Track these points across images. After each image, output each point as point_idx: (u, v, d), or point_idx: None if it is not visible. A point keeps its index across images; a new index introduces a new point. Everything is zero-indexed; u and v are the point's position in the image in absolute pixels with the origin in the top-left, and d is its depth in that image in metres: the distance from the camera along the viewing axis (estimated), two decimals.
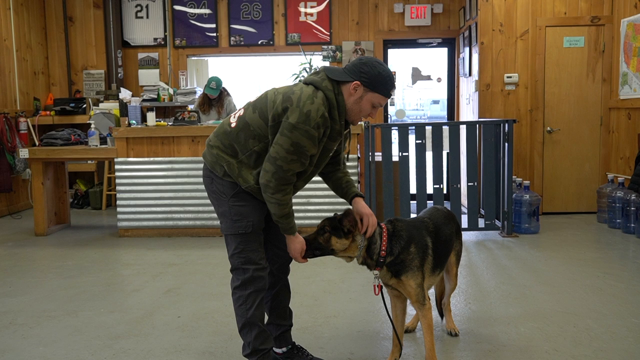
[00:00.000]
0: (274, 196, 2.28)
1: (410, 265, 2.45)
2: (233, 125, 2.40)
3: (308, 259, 2.44)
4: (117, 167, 5.55)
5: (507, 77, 6.35)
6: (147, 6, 7.95)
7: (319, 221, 2.53)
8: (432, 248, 2.55)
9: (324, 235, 2.40)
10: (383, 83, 2.29)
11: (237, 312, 2.44)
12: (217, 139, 2.43)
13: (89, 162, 7.67)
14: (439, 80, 8.12)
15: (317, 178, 2.64)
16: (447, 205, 5.75)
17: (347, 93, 2.31)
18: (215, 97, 6.71)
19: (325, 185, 2.82)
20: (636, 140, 5.74)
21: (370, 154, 5.39)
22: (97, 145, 5.69)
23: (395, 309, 2.69)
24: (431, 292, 3.14)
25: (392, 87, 2.33)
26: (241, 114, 2.42)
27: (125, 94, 6.77)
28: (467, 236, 5.40)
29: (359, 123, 5.60)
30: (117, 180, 5.57)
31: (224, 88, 6.77)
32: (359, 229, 2.42)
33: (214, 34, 7.90)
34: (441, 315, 3.10)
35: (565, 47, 6.28)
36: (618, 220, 5.56)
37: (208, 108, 6.75)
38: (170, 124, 5.79)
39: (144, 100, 7.38)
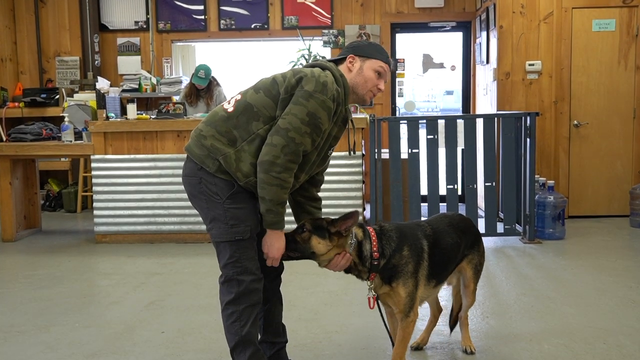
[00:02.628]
0: (280, 175, 2.25)
1: (404, 270, 2.46)
2: (230, 110, 2.39)
3: (281, 262, 2.45)
4: (93, 165, 5.55)
5: (529, 64, 6.35)
6: None
7: None
8: (429, 253, 2.55)
9: (302, 234, 2.38)
10: (376, 50, 2.50)
11: (228, 330, 2.43)
12: (210, 128, 2.39)
13: (63, 159, 7.66)
14: (452, 68, 8.12)
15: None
16: (462, 208, 5.76)
17: (346, 71, 2.47)
18: (204, 88, 6.71)
19: (326, 187, 2.82)
20: None
21: (376, 150, 5.39)
22: (71, 141, 5.69)
23: (392, 325, 2.71)
24: (444, 306, 3.14)
25: (387, 54, 2.53)
26: (238, 98, 2.42)
27: (102, 83, 6.77)
28: (484, 242, 5.37)
29: (363, 116, 5.60)
30: (94, 180, 5.57)
31: (213, 77, 6.77)
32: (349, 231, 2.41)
33: (202, 17, 7.89)
34: (451, 328, 3.10)
35: (595, 30, 6.28)
36: None
37: (195, 99, 6.75)
38: (153, 117, 5.79)
39: (123, 90, 7.38)
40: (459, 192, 5.73)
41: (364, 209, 5.55)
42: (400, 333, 2.52)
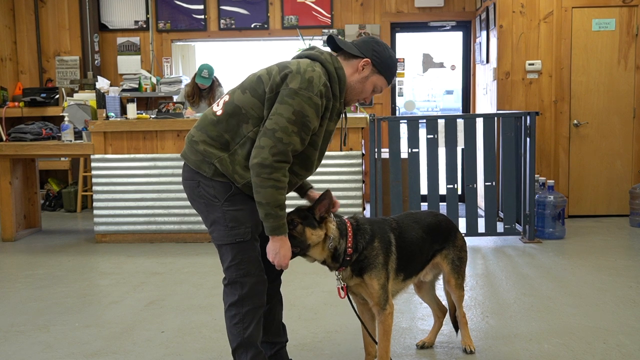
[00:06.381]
0: (272, 176, 2.19)
1: (374, 263, 2.48)
2: (219, 113, 2.36)
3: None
4: (93, 164, 5.54)
5: (529, 64, 6.35)
6: None
7: None
8: (396, 245, 2.58)
9: (297, 227, 2.37)
10: (391, 67, 2.42)
11: (231, 331, 2.42)
12: (201, 133, 2.37)
13: (63, 159, 7.66)
14: (452, 68, 8.11)
15: (318, 177, 2.63)
16: (462, 207, 5.75)
17: (352, 69, 2.38)
18: (206, 88, 6.69)
19: (326, 186, 2.82)
20: None
21: (376, 150, 5.39)
22: (71, 141, 5.68)
23: (363, 316, 2.72)
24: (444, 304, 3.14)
25: (395, 73, 2.47)
26: (227, 99, 2.39)
27: (102, 83, 6.76)
28: (484, 242, 5.40)
29: (363, 116, 5.59)
30: (94, 180, 5.57)
31: (215, 77, 6.75)
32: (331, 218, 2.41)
33: (202, 16, 7.89)
34: (456, 328, 3.10)
35: (594, 30, 6.27)
36: None
37: (198, 100, 6.72)
38: (153, 116, 5.79)
39: (123, 90, 7.38)
40: (459, 192, 5.73)
41: (364, 209, 5.55)
42: (381, 327, 2.55)
